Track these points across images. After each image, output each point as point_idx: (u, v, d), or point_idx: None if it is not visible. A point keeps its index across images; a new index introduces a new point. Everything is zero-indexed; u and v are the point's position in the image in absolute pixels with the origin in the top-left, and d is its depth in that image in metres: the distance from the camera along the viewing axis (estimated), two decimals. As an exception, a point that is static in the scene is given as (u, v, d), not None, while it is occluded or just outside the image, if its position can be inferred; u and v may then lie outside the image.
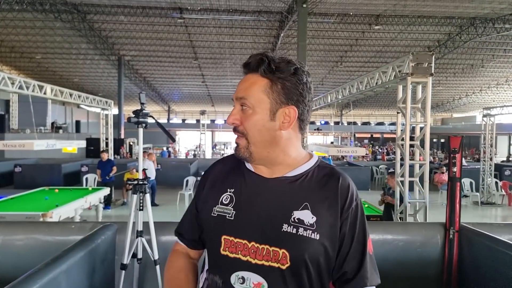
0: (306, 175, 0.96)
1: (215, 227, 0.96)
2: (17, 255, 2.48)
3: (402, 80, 4.43)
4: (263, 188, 0.96)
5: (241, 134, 0.95)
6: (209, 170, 1.10)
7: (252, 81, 0.94)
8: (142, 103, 2.53)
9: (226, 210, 0.95)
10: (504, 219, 9.06)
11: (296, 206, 0.91)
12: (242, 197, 0.96)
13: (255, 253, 0.89)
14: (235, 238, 0.92)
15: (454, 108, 37.64)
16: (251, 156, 0.96)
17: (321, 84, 28.48)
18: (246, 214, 0.93)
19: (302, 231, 0.89)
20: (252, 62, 0.93)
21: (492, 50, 20.99)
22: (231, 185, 1.00)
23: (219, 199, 0.98)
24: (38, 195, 6.74)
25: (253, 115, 0.93)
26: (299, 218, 0.90)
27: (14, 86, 5.74)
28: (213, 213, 0.97)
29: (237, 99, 0.95)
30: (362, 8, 16.22)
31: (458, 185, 2.51)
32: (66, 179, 11.50)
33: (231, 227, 0.93)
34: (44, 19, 16.50)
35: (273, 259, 0.88)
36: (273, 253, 0.88)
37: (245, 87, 0.94)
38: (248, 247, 0.90)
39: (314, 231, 0.89)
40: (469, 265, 2.35)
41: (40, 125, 20.70)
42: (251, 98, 0.93)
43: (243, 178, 1.00)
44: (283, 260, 0.88)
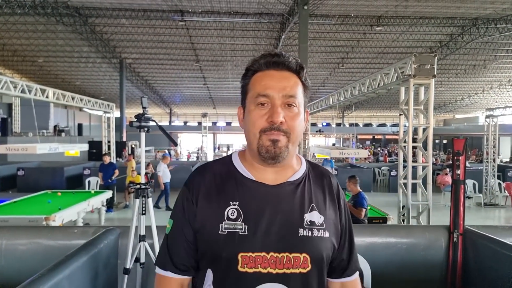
0: (305, 177, 0.99)
1: (227, 245, 0.89)
2: (20, 260, 2.48)
3: (405, 82, 4.42)
4: (270, 196, 0.93)
5: (283, 133, 0.89)
6: (194, 181, 0.98)
7: (294, 81, 0.93)
8: (144, 107, 2.54)
9: (237, 225, 0.89)
10: (507, 221, 9.01)
11: (305, 209, 0.94)
12: (250, 209, 0.91)
13: (275, 263, 0.88)
14: (253, 253, 0.88)
15: (457, 109, 37.54)
16: (287, 155, 0.92)
17: (322, 86, 28.48)
18: (259, 226, 0.89)
19: (316, 232, 0.93)
20: (292, 63, 0.93)
21: (495, 50, 20.93)
22: (232, 197, 0.93)
23: (224, 215, 0.91)
24: (41, 198, 6.75)
25: (299, 114, 0.92)
26: (311, 220, 0.94)
27: (16, 90, 5.75)
28: (221, 231, 0.89)
29: (285, 96, 0.90)
30: (364, 9, 16.22)
31: (462, 187, 2.50)
32: (68, 182, 11.51)
33: (247, 242, 0.88)
34: (46, 22, 16.58)
35: (294, 266, 0.89)
36: (294, 260, 0.89)
37: (291, 86, 0.91)
38: (267, 258, 0.88)
39: (324, 230, 0.94)
40: (473, 268, 2.33)
41: (43, 129, 20.76)
42: (298, 97, 0.92)
43: (246, 188, 0.94)
44: (304, 264, 0.90)
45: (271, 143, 0.89)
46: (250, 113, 0.92)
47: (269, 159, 0.91)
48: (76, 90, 24.93)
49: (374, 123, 42.82)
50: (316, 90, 29.25)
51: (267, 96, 0.90)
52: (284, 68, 0.92)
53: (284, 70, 0.92)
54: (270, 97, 0.90)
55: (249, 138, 0.94)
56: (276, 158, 0.90)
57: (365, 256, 2.19)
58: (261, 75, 0.93)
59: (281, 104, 0.90)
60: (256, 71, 0.94)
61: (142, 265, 2.47)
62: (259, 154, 0.91)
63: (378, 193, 12.06)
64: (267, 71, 0.93)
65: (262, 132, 0.89)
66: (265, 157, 0.91)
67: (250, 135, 0.92)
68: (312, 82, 25.28)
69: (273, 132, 0.88)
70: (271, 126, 0.88)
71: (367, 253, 2.30)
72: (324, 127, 31.12)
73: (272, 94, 0.89)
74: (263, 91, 0.90)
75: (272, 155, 0.90)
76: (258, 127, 0.90)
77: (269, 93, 0.89)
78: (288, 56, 0.93)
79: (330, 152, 8.18)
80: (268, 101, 0.90)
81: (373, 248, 2.45)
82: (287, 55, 0.93)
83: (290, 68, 0.93)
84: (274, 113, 0.88)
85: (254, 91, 0.92)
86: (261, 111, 0.90)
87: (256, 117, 0.90)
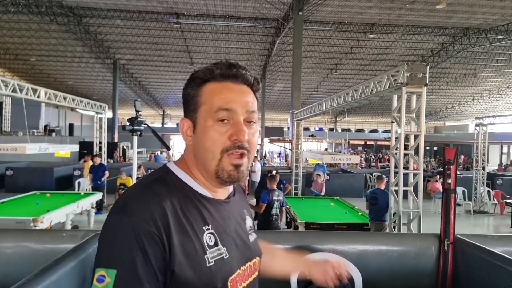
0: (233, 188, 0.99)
1: (219, 274, 0.79)
2: (6, 264, 2.43)
3: (397, 90, 4.46)
4: (226, 212, 0.89)
5: (246, 152, 0.82)
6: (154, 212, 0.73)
7: (252, 96, 0.87)
8: (137, 110, 2.52)
9: (219, 250, 0.81)
10: (496, 228, 9.12)
11: (244, 216, 0.97)
12: (219, 229, 0.84)
13: (244, 275, 0.88)
14: (234, 273, 0.84)
15: (447, 117, 38.08)
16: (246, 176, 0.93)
17: (315, 91, 28.65)
18: (230, 245, 0.86)
19: (255, 234, 0.98)
20: (249, 77, 0.86)
21: (485, 60, 21.32)
22: (203, 221, 0.81)
23: (204, 243, 0.79)
24: (29, 199, 6.64)
25: (256, 131, 0.88)
26: (250, 226, 0.98)
27: (7, 89, 5.67)
28: (209, 262, 0.78)
29: (247, 112, 0.83)
30: (357, 17, 16.41)
31: (452, 196, 2.52)
32: (58, 183, 11.35)
33: (230, 265, 0.83)
34: (40, 21, 16.45)
35: (254, 271, 0.92)
36: (253, 266, 0.92)
37: (251, 101, 0.86)
38: (240, 273, 0.87)
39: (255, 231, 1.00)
40: (463, 277, 2.35)
41: (33, 128, 20.50)
42: (256, 114, 0.87)
43: (208, 209, 0.84)
44: (256, 266, 0.94)
45: (233, 168, 0.81)
46: (208, 129, 0.81)
47: (229, 183, 0.84)
48: (68, 90, 24.70)
49: (366, 129, 43.18)
50: (309, 95, 29.41)
51: (230, 111, 0.81)
52: (242, 82, 0.85)
53: (242, 83, 0.85)
54: (232, 112, 0.81)
55: (204, 157, 0.83)
56: (237, 181, 0.85)
57: (356, 263, 2.19)
58: (218, 86, 0.83)
59: (243, 121, 0.82)
60: (207, 80, 0.84)
61: (131, 270, 2.43)
62: (217, 177, 0.82)
63: (369, 199, 12.12)
64: (224, 82, 0.84)
65: (223, 151, 0.80)
66: (226, 181, 0.83)
67: (207, 154, 0.82)
68: (305, 87, 25.43)
69: (236, 151, 0.81)
70: (235, 144, 0.80)
71: (358, 261, 2.30)
72: (316, 132, 31.25)
73: (236, 109, 0.81)
74: (225, 105, 0.81)
75: (234, 180, 0.83)
76: (219, 146, 0.80)
77: (232, 107, 0.81)
78: (244, 67, 0.87)
79: (323, 158, 8.21)
80: (229, 117, 0.81)
81: (365, 255, 2.46)
82: (243, 67, 0.86)
83: (247, 81, 0.86)
84: (240, 130, 0.80)
85: (212, 104, 0.82)
86: (222, 128, 0.81)
87: (216, 135, 0.80)
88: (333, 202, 7.14)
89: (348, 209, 6.45)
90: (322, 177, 9.86)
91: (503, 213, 10.01)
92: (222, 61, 0.87)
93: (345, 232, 4.07)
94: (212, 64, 0.86)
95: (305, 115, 9.90)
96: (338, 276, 1.12)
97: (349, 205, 6.70)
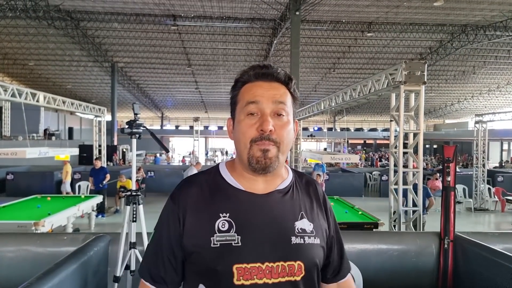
0: (293, 185, 1.00)
1: (221, 257, 0.87)
2: (8, 267, 2.43)
3: (395, 88, 4.47)
4: (260, 206, 0.93)
5: (273, 143, 0.89)
6: (181, 195, 0.96)
7: (283, 91, 0.93)
8: (136, 113, 2.52)
9: (229, 237, 0.88)
10: (497, 226, 9.12)
11: (295, 217, 0.95)
12: (241, 219, 0.90)
13: (270, 273, 0.87)
14: (248, 264, 0.87)
15: (447, 114, 38.05)
16: (277, 165, 0.92)
17: (314, 91, 28.64)
18: (253, 236, 0.89)
19: (307, 239, 0.93)
20: (281, 74, 0.94)
21: (484, 57, 21.30)
22: (222, 209, 0.91)
23: (215, 227, 0.89)
24: (30, 203, 6.65)
25: (288, 123, 0.92)
26: (302, 228, 0.94)
27: (6, 94, 5.68)
28: (214, 244, 0.88)
29: (275, 103, 0.90)
30: (355, 16, 16.41)
31: (452, 194, 2.52)
32: (58, 186, 11.33)
33: (242, 254, 0.87)
34: (38, 26, 16.43)
35: (289, 274, 0.89)
36: (288, 268, 0.89)
37: (281, 94, 0.92)
38: (263, 269, 0.87)
39: (315, 237, 0.95)
40: (464, 275, 2.35)
41: (33, 132, 20.48)
42: (287, 106, 0.93)
43: (236, 199, 0.93)
44: (298, 271, 0.90)
45: (261, 153, 0.88)
46: (240, 123, 0.92)
47: (259, 169, 0.90)
48: (67, 94, 24.70)
49: (365, 128, 43.18)
50: (307, 95, 29.41)
51: (256, 103, 0.90)
52: (273, 79, 0.93)
53: (273, 81, 0.93)
54: (259, 105, 0.90)
55: (239, 149, 0.93)
56: (267, 168, 0.90)
57: (356, 262, 2.20)
58: (250, 85, 0.93)
59: (270, 113, 0.90)
60: (245, 82, 0.95)
61: (132, 272, 2.44)
62: (249, 165, 0.90)
63: (369, 198, 12.13)
64: (256, 82, 0.93)
65: (252, 142, 0.89)
66: (256, 167, 0.90)
67: (241, 145, 0.92)
68: (304, 87, 25.34)
69: (263, 142, 0.88)
70: (261, 136, 0.88)
71: (358, 260, 2.31)
72: (315, 132, 31.26)
73: (262, 101, 0.90)
74: (252, 98, 0.90)
75: (263, 166, 0.89)
76: (248, 137, 0.89)
77: (258, 99, 0.90)
78: (277, 67, 0.94)
79: (322, 157, 8.22)
80: (257, 111, 0.90)
81: (365, 254, 2.46)
82: (276, 67, 0.94)
83: (279, 79, 0.94)
84: (264, 121, 0.88)
85: (243, 100, 0.92)
86: (251, 121, 0.90)
87: (246, 127, 0.90)
88: (333, 202, 7.13)
89: (348, 209, 6.45)
90: (322, 176, 9.86)
91: (504, 210, 10.02)
92: (260, 63, 0.96)
93: (345, 231, 4.07)
94: (249, 67, 0.97)
95: (304, 115, 9.91)
96: None
97: (349, 205, 6.70)
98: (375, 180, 13.99)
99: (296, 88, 0.98)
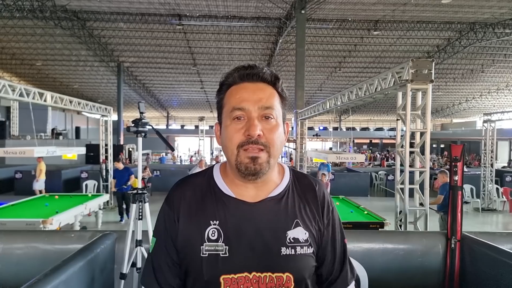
0: (288, 190, 0.95)
1: (208, 268, 0.86)
2: (17, 264, 2.46)
3: (402, 87, 4.43)
4: (250, 214, 0.89)
5: (262, 147, 0.85)
6: (175, 198, 0.94)
7: (270, 92, 0.90)
8: (142, 112, 2.54)
9: (218, 247, 0.86)
10: (505, 226, 9.02)
11: (288, 225, 0.91)
12: (230, 228, 0.88)
13: (257, 283, 0.86)
14: (235, 274, 0.85)
15: (454, 114, 37.71)
16: (268, 170, 0.88)
17: (319, 90, 28.56)
18: (240, 246, 0.87)
19: (299, 250, 0.90)
20: (266, 74, 0.90)
21: (492, 55, 21.06)
22: (213, 216, 0.89)
23: (205, 235, 0.87)
24: (38, 201, 6.73)
25: (277, 126, 0.88)
26: (294, 237, 0.90)
27: (14, 93, 5.73)
28: (203, 254, 0.86)
29: (261, 108, 0.86)
30: (361, 14, 16.31)
31: (459, 194, 2.50)
32: (66, 185, 11.47)
33: (229, 264, 0.86)
34: (44, 26, 16.59)
35: (277, 285, 0.86)
36: (276, 279, 0.87)
37: (267, 97, 0.88)
38: (250, 278, 0.86)
39: (308, 246, 0.91)
40: (471, 275, 2.33)
41: (41, 132, 20.69)
42: (275, 109, 0.89)
43: (226, 206, 0.90)
44: (287, 283, 0.87)
45: (250, 160, 0.85)
46: (226, 128, 0.88)
47: (249, 175, 0.87)
48: (74, 94, 24.90)
49: (371, 127, 42.94)
50: (313, 94, 29.33)
51: (243, 109, 0.86)
52: (258, 80, 0.89)
53: (259, 81, 0.89)
54: (245, 110, 0.86)
55: (227, 155, 0.89)
56: (257, 174, 0.86)
57: (362, 262, 2.19)
58: (236, 88, 0.89)
59: (257, 117, 0.86)
60: (230, 84, 0.91)
61: (138, 270, 2.46)
62: (238, 171, 0.87)
63: (375, 198, 12.07)
64: (241, 84, 0.89)
65: (239, 147, 0.86)
66: (245, 173, 0.87)
67: (228, 151, 0.88)
68: (309, 86, 25.31)
69: (251, 146, 0.84)
70: (249, 140, 0.84)
71: (364, 259, 2.30)
72: (321, 131, 31.16)
73: (248, 107, 0.86)
74: (238, 104, 0.86)
75: (252, 172, 0.86)
76: (235, 142, 0.86)
77: (244, 106, 0.86)
78: (262, 67, 0.91)
79: (327, 157, 8.19)
80: (244, 115, 0.86)
81: (370, 254, 2.45)
82: (261, 66, 0.91)
83: (264, 79, 0.90)
84: (251, 126, 0.84)
85: (229, 105, 0.88)
86: (237, 125, 0.86)
87: (232, 132, 0.86)
88: (339, 201, 7.12)
89: (354, 208, 6.43)
90: (327, 176, 9.83)
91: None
92: (243, 64, 0.92)
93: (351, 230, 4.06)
94: (234, 68, 0.93)
95: (309, 114, 9.88)
96: None
97: (355, 204, 6.68)
98: (381, 180, 13.92)
99: (284, 87, 0.94)
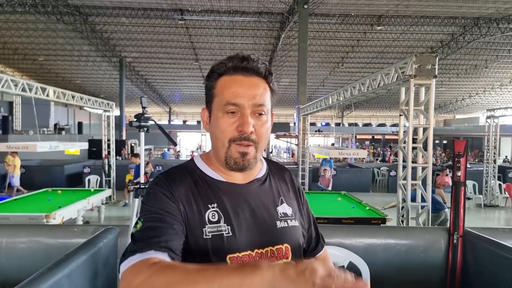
0: (269, 173, 1.03)
1: (215, 249, 0.86)
2: (20, 258, 2.48)
3: (405, 82, 4.40)
4: (244, 194, 0.94)
5: (252, 143, 0.88)
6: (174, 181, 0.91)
7: (263, 87, 0.91)
8: (144, 107, 2.54)
9: (220, 227, 0.88)
10: (507, 222, 9.01)
11: (276, 202, 0.98)
12: (228, 209, 0.90)
13: (261, 259, 0.89)
14: (240, 253, 0.88)
15: (457, 109, 37.56)
16: (255, 164, 0.92)
17: (322, 85, 28.48)
18: (241, 225, 0.90)
19: (290, 222, 0.97)
20: (261, 68, 0.90)
21: (496, 50, 20.92)
22: (210, 200, 0.91)
23: (205, 218, 0.88)
24: (41, 196, 6.75)
25: (267, 122, 0.91)
26: (283, 212, 0.98)
27: (17, 88, 5.74)
28: (206, 235, 0.86)
29: (255, 105, 0.88)
30: (364, 9, 16.22)
31: (462, 189, 2.50)
32: (68, 180, 11.52)
33: (233, 243, 0.87)
34: (47, 21, 16.58)
35: (278, 257, 0.92)
36: (277, 252, 0.92)
37: (261, 94, 0.89)
38: (253, 255, 0.89)
39: (295, 219, 0.99)
40: (473, 270, 2.33)
41: (43, 127, 20.76)
42: (267, 105, 0.91)
43: (220, 190, 0.93)
44: (286, 254, 0.93)
45: (240, 155, 0.88)
46: (218, 120, 0.89)
47: (237, 169, 0.91)
48: (76, 89, 24.96)
49: (374, 123, 42.80)
50: (315, 90, 29.25)
51: (237, 105, 0.87)
52: (253, 74, 0.90)
53: (253, 75, 0.90)
54: (239, 106, 0.87)
55: (216, 145, 0.92)
56: (244, 169, 0.91)
57: (363, 257, 2.20)
58: (229, 80, 0.89)
59: (250, 113, 0.88)
60: (222, 74, 0.91)
61: (141, 264, 2.47)
62: (226, 163, 0.90)
63: (377, 194, 12.06)
64: (235, 75, 0.89)
65: (231, 141, 0.88)
66: (233, 167, 0.90)
67: (218, 143, 0.90)
68: (312, 81, 25.19)
69: (242, 142, 0.87)
70: (241, 136, 0.87)
71: (365, 255, 2.30)
72: (323, 127, 31.09)
73: (242, 103, 0.87)
74: (232, 100, 0.87)
75: (241, 167, 0.90)
76: (227, 136, 0.88)
77: (239, 101, 0.87)
78: (257, 60, 0.91)
79: (329, 152, 8.18)
80: (238, 109, 0.87)
81: (372, 249, 2.45)
82: (256, 59, 0.91)
83: (259, 73, 0.90)
84: (245, 123, 0.86)
85: (223, 97, 0.89)
86: (230, 119, 0.87)
87: (225, 125, 0.88)
88: (340, 197, 7.11)
89: (356, 204, 6.43)
90: (329, 172, 9.83)
91: (514, 206, 9.88)
92: (238, 54, 0.92)
93: (353, 226, 4.06)
94: (227, 57, 0.92)
95: (311, 110, 9.86)
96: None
97: (357, 200, 6.67)
98: (383, 175, 13.91)
99: (274, 81, 0.95)
